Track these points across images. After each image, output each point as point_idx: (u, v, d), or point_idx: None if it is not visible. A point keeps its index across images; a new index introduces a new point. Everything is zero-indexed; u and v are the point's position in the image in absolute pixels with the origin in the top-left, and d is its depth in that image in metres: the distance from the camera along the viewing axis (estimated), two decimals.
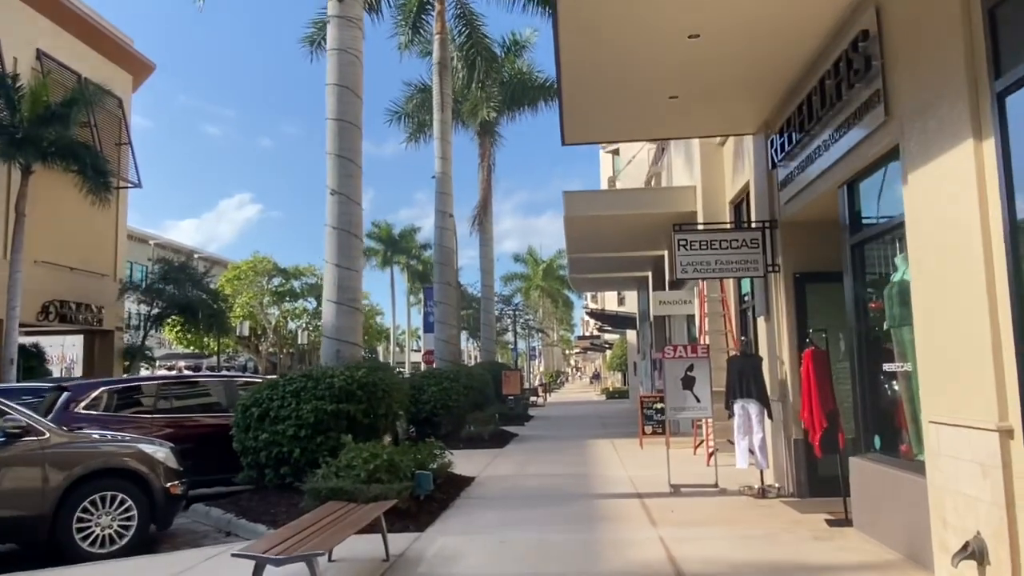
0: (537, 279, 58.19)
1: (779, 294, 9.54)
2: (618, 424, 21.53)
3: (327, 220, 10.23)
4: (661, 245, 18.73)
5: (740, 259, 9.63)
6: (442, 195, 17.69)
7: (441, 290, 17.63)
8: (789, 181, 9.01)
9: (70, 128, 21.68)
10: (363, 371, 9.47)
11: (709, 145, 14.40)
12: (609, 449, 15.05)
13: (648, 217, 15.33)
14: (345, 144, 10.24)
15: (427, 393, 16.64)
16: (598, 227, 15.93)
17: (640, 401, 15.33)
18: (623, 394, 39.22)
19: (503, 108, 24.74)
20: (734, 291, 13.73)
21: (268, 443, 9.31)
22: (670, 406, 10.14)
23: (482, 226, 25.49)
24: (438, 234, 17.66)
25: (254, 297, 49.19)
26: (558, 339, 75.62)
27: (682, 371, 10.13)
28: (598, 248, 18.38)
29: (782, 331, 9.45)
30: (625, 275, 23.86)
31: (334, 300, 10.07)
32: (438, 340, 17.66)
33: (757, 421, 9.36)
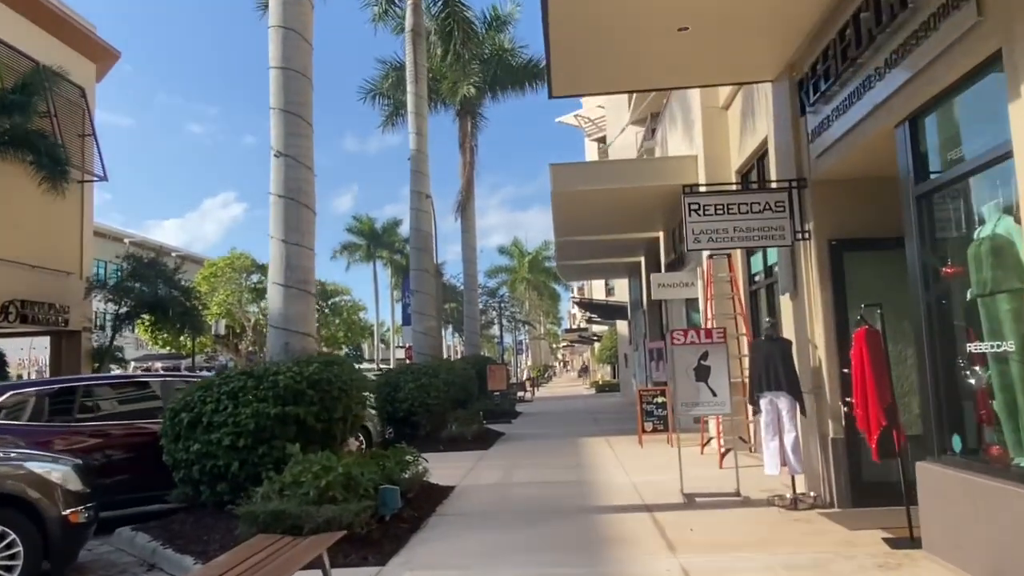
0: (523, 271, 56.52)
1: (810, 266, 7.94)
2: (611, 420, 19.94)
3: (271, 187, 8.53)
4: (656, 225, 17.13)
5: (762, 226, 8.01)
6: (417, 174, 16.02)
7: (418, 278, 15.97)
8: (824, 129, 7.40)
9: (28, 117, 19.85)
10: (315, 366, 7.78)
11: (711, 110, 12.80)
12: (605, 449, 13.44)
13: (643, 192, 13.71)
14: (292, 97, 8.55)
15: (404, 391, 14.97)
16: (588, 204, 14.30)
17: (639, 395, 13.74)
18: (613, 387, 37.68)
19: (485, 88, 23.07)
20: (743, 270, 12.15)
21: (201, 455, 7.61)
22: (681, 401, 8.53)
23: (464, 213, 23.81)
24: (414, 217, 15.99)
25: (232, 294, 47.21)
26: (545, 332, 73.99)
27: (694, 360, 8.52)
28: (588, 230, 16.75)
29: (814, 309, 7.85)
30: (616, 261, 22.27)
31: (280, 282, 8.36)
32: (416, 332, 16.02)
33: (789, 418, 7.76)
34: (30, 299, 23.33)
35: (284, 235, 8.45)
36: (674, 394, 8.63)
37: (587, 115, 38.90)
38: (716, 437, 11.34)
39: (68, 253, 27.15)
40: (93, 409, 9.27)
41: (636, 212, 15.16)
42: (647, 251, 20.50)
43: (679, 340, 8.56)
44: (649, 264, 21.35)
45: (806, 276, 8.01)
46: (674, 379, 8.67)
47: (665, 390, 13.68)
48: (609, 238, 18.14)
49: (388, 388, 15.26)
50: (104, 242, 40.45)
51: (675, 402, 8.60)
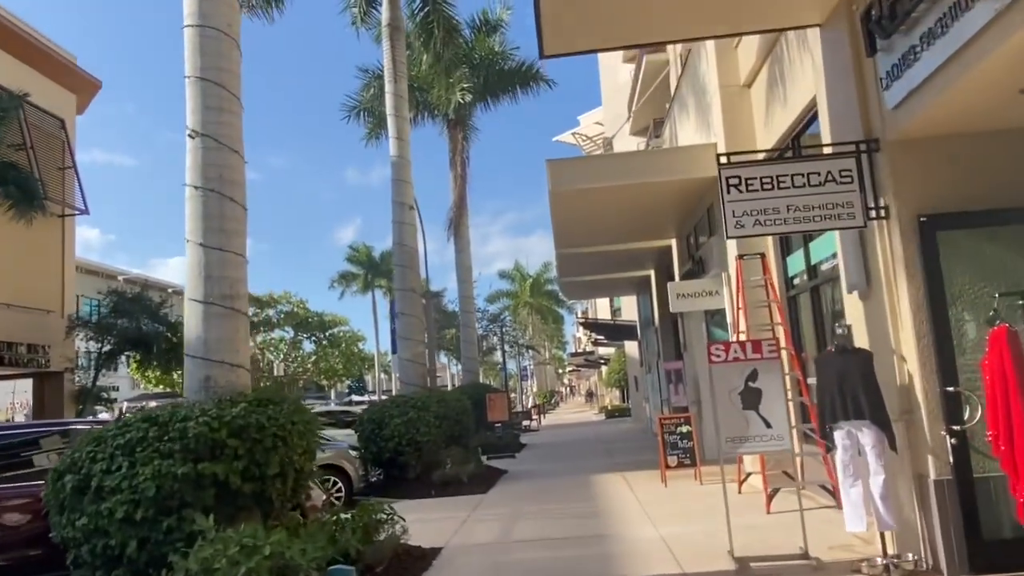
0: (525, 295, 54.50)
1: (889, 253, 5.97)
2: (625, 450, 17.82)
3: (186, 177, 6.62)
4: (668, 231, 15.19)
5: (824, 202, 6.05)
6: (399, 183, 14.18)
7: (404, 298, 14.04)
8: (907, 65, 5.46)
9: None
10: (241, 408, 5.79)
11: (731, 89, 10.91)
12: (623, 489, 11.36)
13: (653, 189, 11.78)
14: (212, 61, 6.68)
15: (389, 427, 12.94)
16: (591, 207, 12.37)
17: (659, 424, 11.69)
18: (624, 412, 35.48)
19: (475, 95, 21.33)
20: (779, 272, 10.19)
21: (89, 532, 5.60)
22: (726, 436, 6.50)
23: (458, 230, 21.94)
24: (396, 231, 14.11)
25: None
26: (550, 357, 71.73)
27: (740, 382, 6.51)
28: (591, 238, 14.81)
29: (899, 309, 5.87)
30: (623, 276, 20.30)
31: (198, 298, 6.38)
32: (402, 360, 14.05)
33: (876, 455, 5.73)
34: (6, 340, 21.54)
35: (203, 237, 6.50)
36: (716, 425, 6.60)
37: (584, 132, 37.23)
38: (760, 473, 9.28)
39: (48, 290, 25.37)
40: None
41: (645, 214, 13.23)
42: (658, 263, 18.55)
43: (719, 357, 6.56)
44: (660, 278, 19.36)
45: (884, 266, 6.03)
46: (715, 406, 6.65)
47: (689, 417, 11.63)
48: (615, 248, 16.19)
49: (372, 425, 13.24)
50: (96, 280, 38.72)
51: (718, 435, 6.56)
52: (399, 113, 14.33)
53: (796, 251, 9.82)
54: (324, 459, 12.25)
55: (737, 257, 10.00)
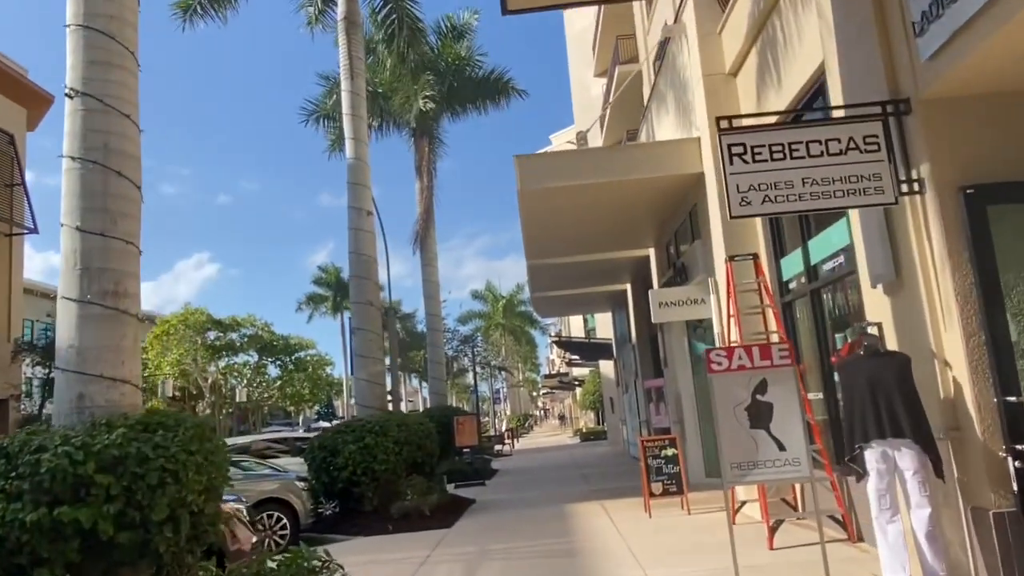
0: (498, 316, 53.22)
1: (925, 235, 4.91)
2: (603, 475, 16.58)
3: (64, 147, 5.37)
4: (646, 239, 14.13)
5: (846, 174, 4.98)
6: (356, 187, 12.97)
7: (361, 313, 12.76)
8: (949, 2, 4.43)
9: None
10: (118, 433, 4.50)
11: (716, 78, 9.92)
12: (603, 520, 10.13)
13: (631, 187, 10.72)
14: (99, 6, 5.45)
15: (342, 455, 11.59)
16: (564, 208, 11.27)
17: (641, 447, 10.49)
18: (599, 435, 34.26)
19: (442, 103, 20.25)
20: (772, 277, 9.13)
21: None
22: (731, 460, 5.33)
23: (424, 243, 20.70)
24: (353, 238, 12.87)
25: (186, 353, 43.35)
26: (524, 380, 70.35)
27: (746, 394, 5.37)
28: (564, 247, 13.70)
29: (940, 303, 4.79)
30: (597, 290, 19.20)
31: (73, 296, 5.08)
32: (359, 380, 12.73)
33: (918, 482, 4.59)
34: None
35: (80, 219, 5.21)
36: (718, 447, 5.43)
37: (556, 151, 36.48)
38: (757, 501, 8.12)
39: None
40: None
41: (622, 218, 12.16)
42: (635, 275, 17.49)
43: (720, 365, 5.41)
44: (637, 291, 18.30)
45: (919, 252, 4.95)
46: (718, 426, 5.48)
47: (674, 439, 10.47)
48: (589, 259, 15.10)
49: (323, 453, 11.87)
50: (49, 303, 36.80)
51: (721, 459, 5.39)
52: (356, 112, 13.17)
53: (792, 252, 8.78)
54: (267, 492, 10.91)
55: (727, 259, 8.93)
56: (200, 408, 45.78)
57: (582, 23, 32.40)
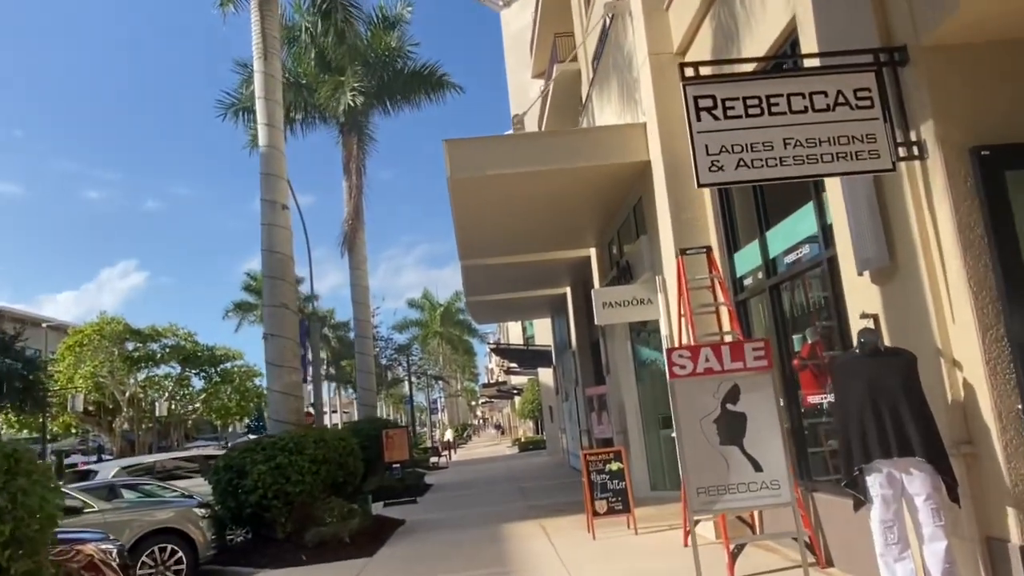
0: (435, 325, 51.83)
1: (926, 208, 4.06)
2: (542, 489, 15.58)
3: None
4: (587, 237, 13.23)
5: (834, 135, 4.09)
6: (270, 178, 11.66)
7: (274, 317, 11.40)
8: None
9: None
10: None
11: (662, 58, 9.07)
12: (542, 544, 9.08)
13: (572, 177, 9.78)
14: None
15: (251, 476, 10.23)
16: (499, 200, 10.26)
17: (584, 461, 9.49)
18: (538, 444, 33.33)
19: (372, 97, 18.98)
20: (727, 271, 8.29)
21: None
22: (697, 485, 4.38)
23: (352, 246, 19.36)
24: (266, 235, 11.53)
25: (101, 365, 40.57)
26: (462, 389, 68.99)
27: (714, 404, 4.43)
28: (500, 245, 12.69)
29: (947, 291, 3.94)
30: (536, 294, 18.26)
31: None
32: (271, 392, 11.37)
33: (931, 510, 3.70)
34: None
35: None
36: (682, 469, 4.46)
37: None
38: (715, 520, 7.21)
39: None
40: None
41: (562, 212, 11.21)
42: (575, 278, 16.61)
43: (683, 368, 4.45)
44: (577, 296, 17.44)
45: (920, 228, 4.10)
46: (680, 442, 4.50)
47: (620, 452, 9.53)
48: (527, 260, 14.12)
49: (230, 474, 10.49)
50: None
51: (686, 485, 4.41)
52: (270, 96, 11.86)
53: (747, 245, 7.96)
54: (159, 522, 9.50)
55: (678, 253, 8.05)
56: (117, 423, 42.95)
57: (519, 23, 31.60)
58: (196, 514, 9.78)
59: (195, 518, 9.70)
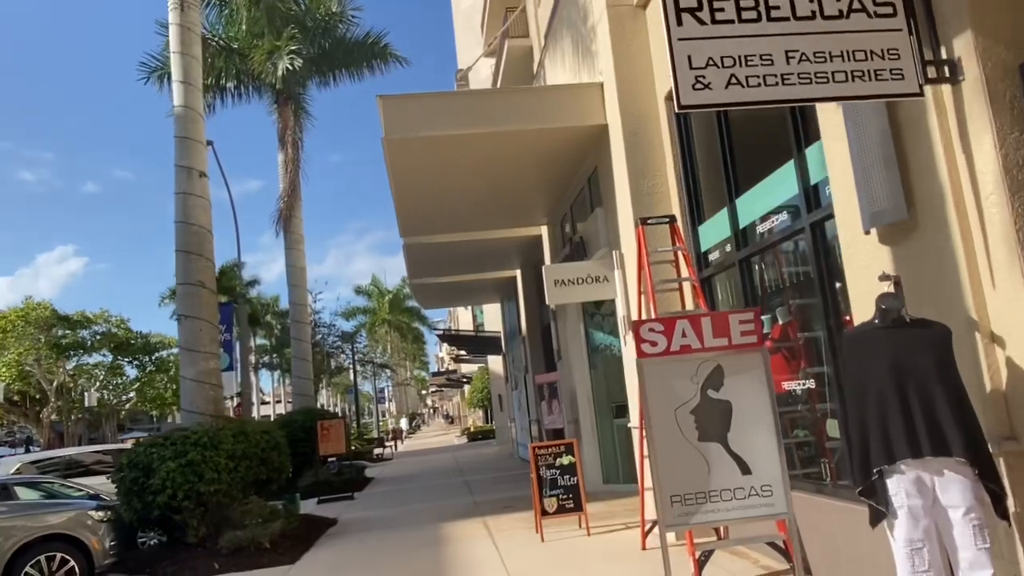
0: (383, 312, 50.34)
1: (958, 143, 3.21)
2: (489, 483, 14.66)
3: None
4: (537, 213, 12.29)
5: (847, 49, 3.21)
6: (185, 142, 10.39)
7: (188, 296, 10.14)
8: None
9: None
10: None
11: (621, 10, 8.15)
12: (485, 547, 8.14)
13: (522, 141, 8.83)
14: None
15: (159, 474, 9.04)
16: (441, 167, 9.24)
17: (532, 455, 8.58)
18: (487, 434, 32.45)
19: (310, 65, 17.66)
20: (690, 246, 7.44)
21: None
22: (671, 492, 3.48)
23: (288, 224, 18.02)
24: (180, 205, 10.25)
25: (26, 352, 38.16)
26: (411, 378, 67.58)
27: (692, 390, 3.52)
28: (444, 220, 11.68)
29: (995, 248, 3.09)
30: (484, 277, 17.29)
31: None
32: (184, 380, 10.13)
33: (974, 528, 2.85)
34: None
35: None
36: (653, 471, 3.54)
37: None
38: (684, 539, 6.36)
39: None
40: None
41: (510, 184, 10.25)
42: (525, 260, 15.68)
43: (654, 345, 3.54)
44: (528, 278, 16.52)
45: (950, 171, 3.25)
46: (650, 438, 3.59)
47: (572, 445, 8.64)
48: (473, 237, 13.15)
49: (135, 472, 9.28)
50: None
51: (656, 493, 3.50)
52: (187, 50, 10.56)
53: (715, 215, 7.13)
54: (48, 527, 8.27)
55: (638, 222, 7.15)
56: (45, 414, 40.53)
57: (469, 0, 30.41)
58: (93, 517, 8.57)
59: (91, 522, 8.49)
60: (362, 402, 65.76)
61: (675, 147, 7.62)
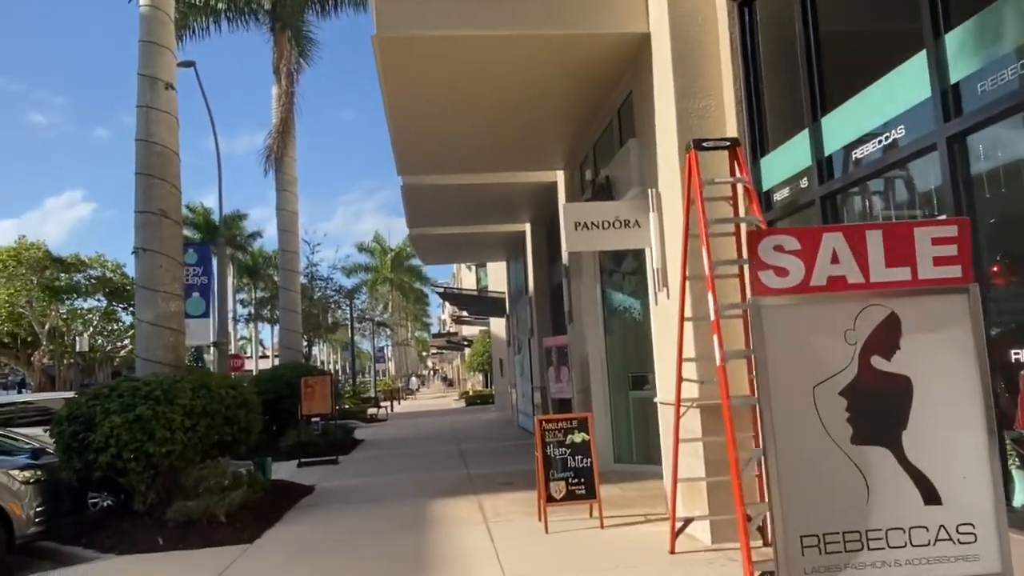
0: (385, 270, 48.89)
1: None
2: (486, 454, 13.31)
3: None
4: (554, 154, 10.71)
5: None
6: (150, 47, 8.78)
7: (147, 226, 8.59)
8: None
9: None
10: None
11: None
12: (479, 539, 6.74)
13: (541, 52, 7.21)
14: None
15: (102, 430, 7.65)
16: (445, 88, 7.65)
17: (539, 429, 7.16)
18: (486, 399, 31.18)
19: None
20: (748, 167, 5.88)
21: None
22: (799, 527, 1.97)
23: (280, 162, 16.41)
24: (142, 120, 8.67)
25: (17, 293, 36.92)
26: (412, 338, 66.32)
27: (844, 356, 2.02)
28: (447, 154, 10.12)
29: None
30: (491, 230, 15.75)
31: None
32: (140, 323, 8.69)
33: None
34: None
35: None
36: (771, 488, 2.07)
37: None
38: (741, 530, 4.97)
39: None
40: None
41: (526, 117, 8.67)
42: (537, 211, 14.12)
43: (783, 275, 2.02)
44: (538, 233, 15.00)
45: None
46: (768, 432, 2.10)
47: (586, 420, 7.19)
48: (480, 181, 11.60)
49: (75, 426, 7.89)
50: None
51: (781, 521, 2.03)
52: None
53: (787, 142, 5.59)
54: None
55: (688, 148, 5.59)
56: (36, 357, 39.40)
57: None
58: (15, 478, 7.20)
59: (12, 484, 7.12)
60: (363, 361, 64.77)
61: (736, 57, 6.05)
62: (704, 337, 5.96)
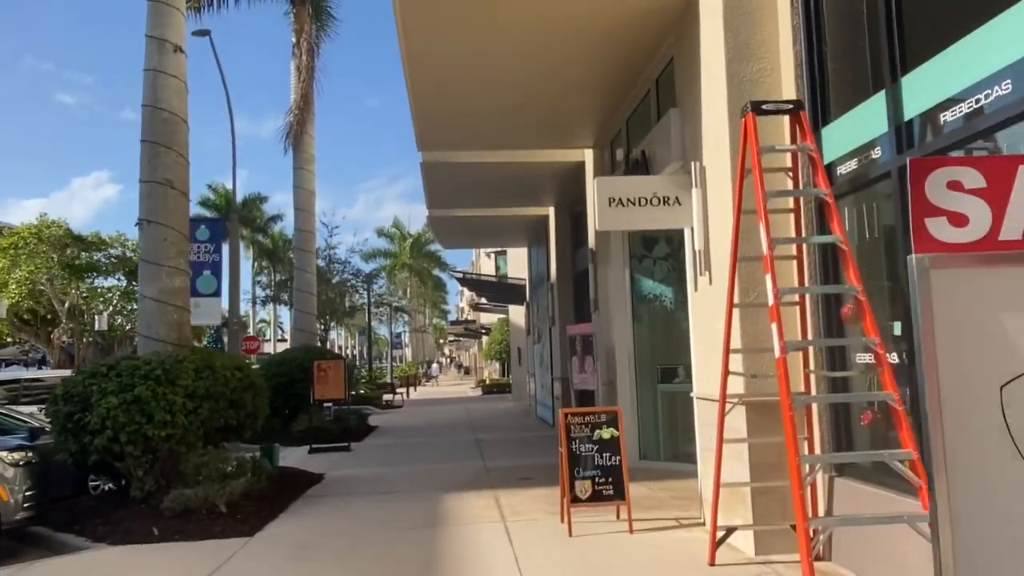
0: (404, 256, 48.43)
1: None
2: (503, 445, 12.75)
3: None
4: (582, 131, 10.06)
5: None
6: (158, 7, 8.26)
7: (151, 196, 8.07)
8: None
9: None
10: None
11: None
12: (495, 538, 6.17)
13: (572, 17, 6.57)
14: None
15: (98, 411, 7.17)
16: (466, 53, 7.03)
17: (563, 423, 6.56)
18: (503, 388, 30.66)
19: None
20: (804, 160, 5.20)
21: None
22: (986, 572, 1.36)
23: (299, 141, 15.90)
24: (149, 84, 8.15)
25: (37, 271, 36.85)
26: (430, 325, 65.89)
27: None
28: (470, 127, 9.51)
29: None
30: (513, 213, 15.14)
31: None
32: (143, 299, 8.20)
33: None
34: None
35: None
36: (943, 513, 1.45)
37: None
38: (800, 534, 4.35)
39: None
40: None
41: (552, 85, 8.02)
42: (561, 194, 13.48)
43: (959, 224, 1.38)
44: (562, 217, 14.36)
45: None
46: (936, 444, 1.48)
47: (616, 415, 6.57)
48: (503, 160, 10.98)
49: (71, 406, 7.43)
50: None
51: (944, 562, 1.42)
52: None
53: (855, 109, 4.90)
54: None
55: (746, 111, 4.92)
56: (56, 335, 39.45)
57: None
58: (3, 460, 6.73)
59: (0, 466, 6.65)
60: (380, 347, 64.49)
61: (796, 12, 5.36)
62: (753, 326, 5.33)
